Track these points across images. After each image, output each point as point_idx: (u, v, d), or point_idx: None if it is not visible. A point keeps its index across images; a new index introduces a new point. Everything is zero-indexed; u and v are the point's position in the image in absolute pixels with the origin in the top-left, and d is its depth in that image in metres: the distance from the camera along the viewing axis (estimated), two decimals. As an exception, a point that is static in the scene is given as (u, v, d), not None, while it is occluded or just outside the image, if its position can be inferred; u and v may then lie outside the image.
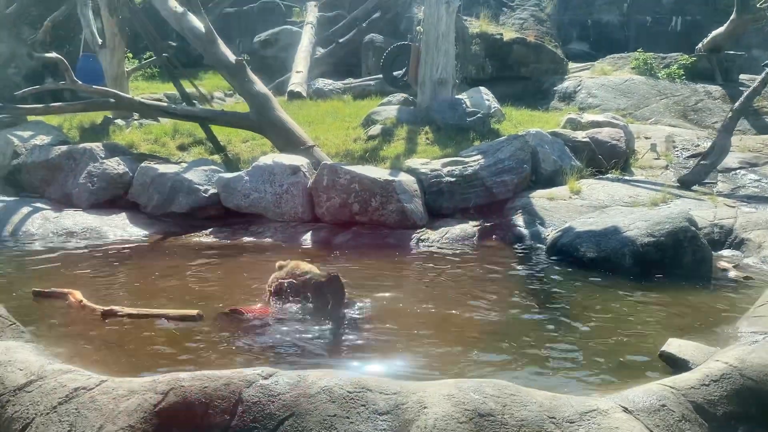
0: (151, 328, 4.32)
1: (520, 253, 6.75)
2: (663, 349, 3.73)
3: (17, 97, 8.90)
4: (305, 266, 4.84)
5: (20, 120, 9.68)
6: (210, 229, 7.59)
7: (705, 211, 7.19)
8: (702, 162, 8.72)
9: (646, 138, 10.33)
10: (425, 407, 2.54)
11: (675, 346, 3.71)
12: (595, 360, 3.89)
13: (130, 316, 4.47)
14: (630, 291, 5.36)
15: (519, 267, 6.25)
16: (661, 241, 5.88)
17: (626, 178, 8.67)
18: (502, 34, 13.56)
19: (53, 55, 9.26)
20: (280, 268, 4.91)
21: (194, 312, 4.46)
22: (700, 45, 13.63)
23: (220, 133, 9.64)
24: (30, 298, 4.93)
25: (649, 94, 12.46)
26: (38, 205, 8.01)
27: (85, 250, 6.79)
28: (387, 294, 5.19)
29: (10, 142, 8.94)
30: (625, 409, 2.65)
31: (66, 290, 4.92)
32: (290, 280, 4.75)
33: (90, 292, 4.97)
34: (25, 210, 7.75)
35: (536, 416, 2.53)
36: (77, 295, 4.81)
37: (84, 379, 2.83)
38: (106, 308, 4.53)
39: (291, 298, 4.67)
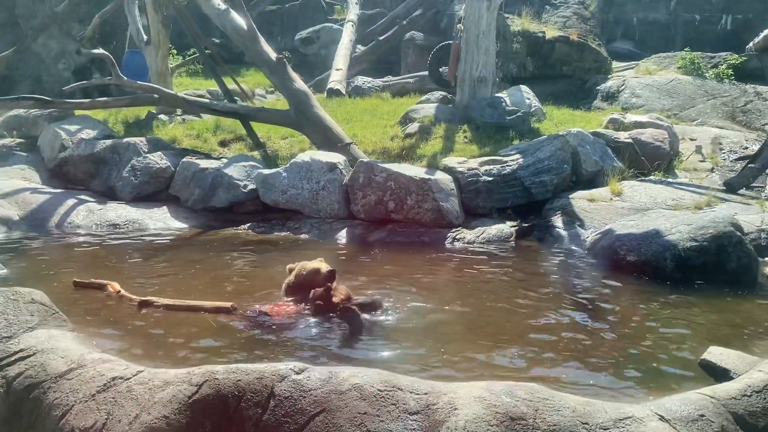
0: (186, 319, 4.40)
1: (558, 254, 6.66)
2: (703, 357, 3.62)
3: (66, 92, 9.16)
4: (311, 265, 4.74)
5: (68, 114, 9.95)
6: (248, 224, 7.70)
7: (752, 215, 6.96)
8: (750, 165, 8.45)
9: (692, 139, 10.07)
10: (456, 408, 2.52)
11: (716, 354, 3.60)
12: (632, 366, 3.80)
13: (166, 307, 4.56)
14: (670, 296, 5.24)
15: (556, 269, 6.16)
16: (704, 246, 5.72)
17: (669, 180, 8.46)
18: (544, 32, 13.39)
19: (100, 51, 9.49)
20: (290, 271, 4.85)
21: (228, 304, 4.53)
22: (751, 44, 13.15)
23: (260, 129, 9.76)
24: (72, 288, 5.06)
25: (696, 94, 12.14)
26: (83, 197, 8.22)
27: (127, 242, 6.94)
28: (419, 293, 5.18)
29: (58, 135, 9.19)
30: (662, 418, 2.59)
31: (105, 281, 5.04)
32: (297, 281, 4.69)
33: (129, 283, 5.09)
34: (71, 202, 7.97)
35: (569, 422, 2.49)
36: (115, 285, 4.93)
37: (121, 369, 2.89)
38: (143, 299, 4.63)
39: (301, 299, 4.61)
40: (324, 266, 4.69)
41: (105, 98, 10.00)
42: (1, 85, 12.12)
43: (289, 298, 4.73)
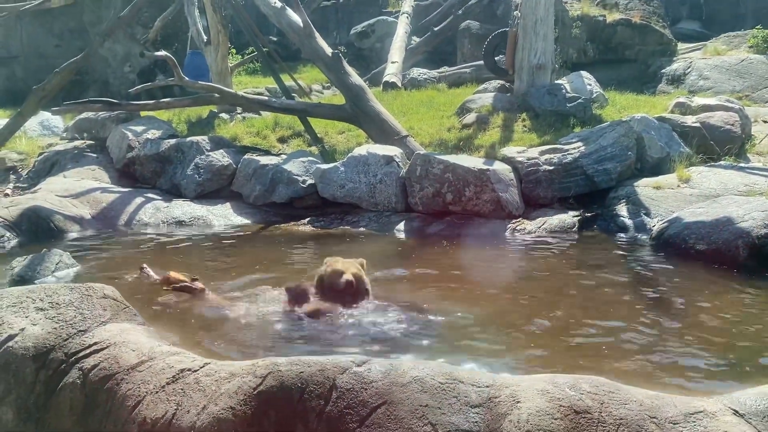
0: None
1: (623, 244, 6.48)
2: (780, 349, 3.47)
3: (131, 94, 9.48)
4: (338, 264, 4.52)
5: (134, 115, 10.29)
6: (308, 219, 7.80)
7: (832, 200, 6.58)
8: (829, 147, 8.00)
9: (765, 122, 9.60)
10: (518, 402, 2.48)
11: (795, 346, 3.44)
12: (703, 359, 3.67)
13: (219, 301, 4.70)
14: (743, 286, 5.02)
15: (622, 259, 5.99)
16: (780, 233, 5.46)
17: (741, 165, 8.08)
18: (604, 16, 13.02)
19: (163, 53, 9.74)
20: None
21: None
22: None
23: (318, 125, 9.86)
24: (136, 282, 5.24)
25: (769, 74, 11.55)
26: (150, 195, 8.50)
27: (193, 238, 7.15)
28: (482, 285, 5.13)
29: (125, 136, 9.52)
30: (736, 412, 2.48)
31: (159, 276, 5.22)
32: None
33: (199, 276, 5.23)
34: (138, 200, 8.25)
35: (636, 415, 2.41)
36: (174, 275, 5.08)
37: (189, 361, 2.98)
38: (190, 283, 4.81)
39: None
40: (352, 267, 4.46)
41: (168, 99, 10.31)
42: (71, 89, 12.67)
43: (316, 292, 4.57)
